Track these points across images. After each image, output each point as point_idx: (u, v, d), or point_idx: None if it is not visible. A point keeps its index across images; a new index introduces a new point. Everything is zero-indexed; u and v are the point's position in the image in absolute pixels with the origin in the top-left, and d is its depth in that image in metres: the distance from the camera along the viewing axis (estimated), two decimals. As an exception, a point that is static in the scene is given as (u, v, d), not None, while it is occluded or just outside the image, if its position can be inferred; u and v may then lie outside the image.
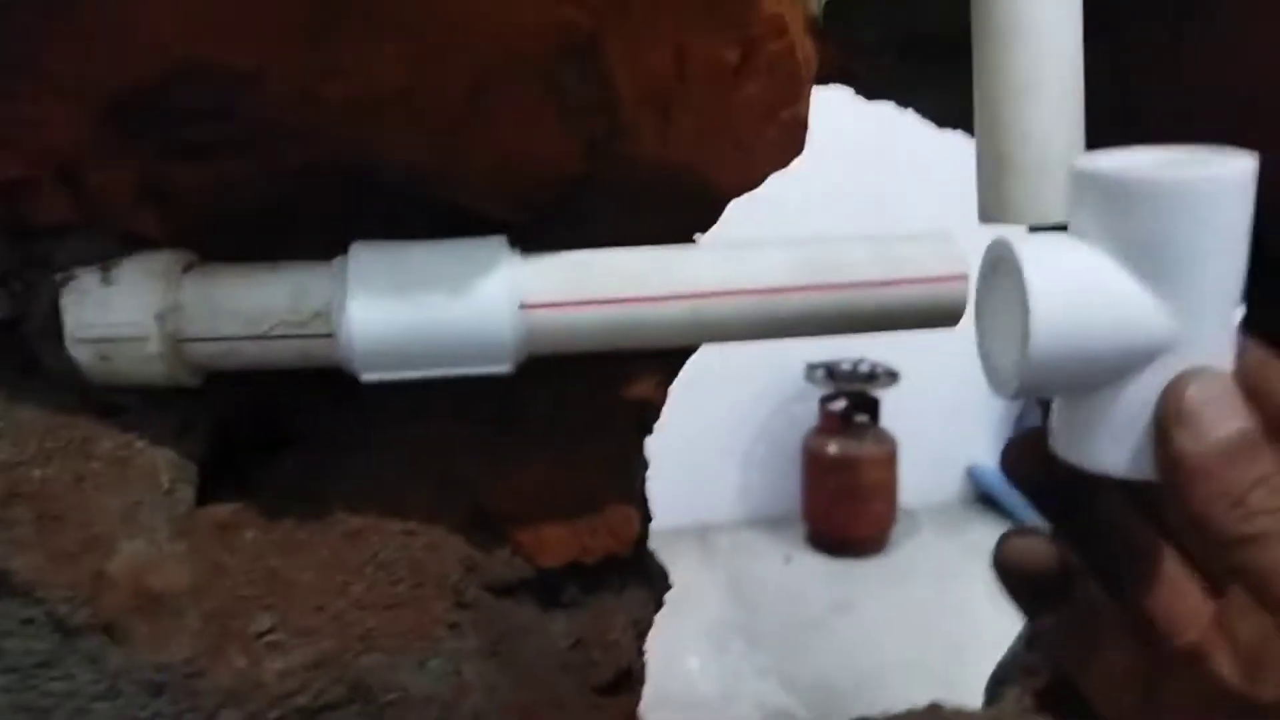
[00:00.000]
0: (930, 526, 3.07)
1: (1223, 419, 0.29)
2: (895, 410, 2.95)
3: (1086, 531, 0.37)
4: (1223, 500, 0.28)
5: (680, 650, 2.41)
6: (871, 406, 2.98)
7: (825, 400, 2.99)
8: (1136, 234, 0.30)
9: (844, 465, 2.90)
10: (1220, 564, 0.30)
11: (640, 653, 0.49)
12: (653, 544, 0.53)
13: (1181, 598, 0.35)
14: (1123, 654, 0.36)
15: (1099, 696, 0.37)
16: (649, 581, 0.51)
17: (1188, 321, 0.30)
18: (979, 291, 0.35)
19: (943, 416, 2.99)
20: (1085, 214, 0.32)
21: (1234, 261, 0.30)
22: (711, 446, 3.03)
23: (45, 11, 0.32)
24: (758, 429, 3.12)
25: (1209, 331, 0.30)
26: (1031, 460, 0.36)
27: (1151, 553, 0.36)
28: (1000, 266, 0.33)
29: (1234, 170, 0.29)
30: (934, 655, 2.36)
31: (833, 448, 2.92)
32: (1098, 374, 0.31)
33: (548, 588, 0.46)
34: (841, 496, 2.91)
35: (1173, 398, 0.30)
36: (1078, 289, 0.30)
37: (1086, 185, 0.32)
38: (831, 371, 2.98)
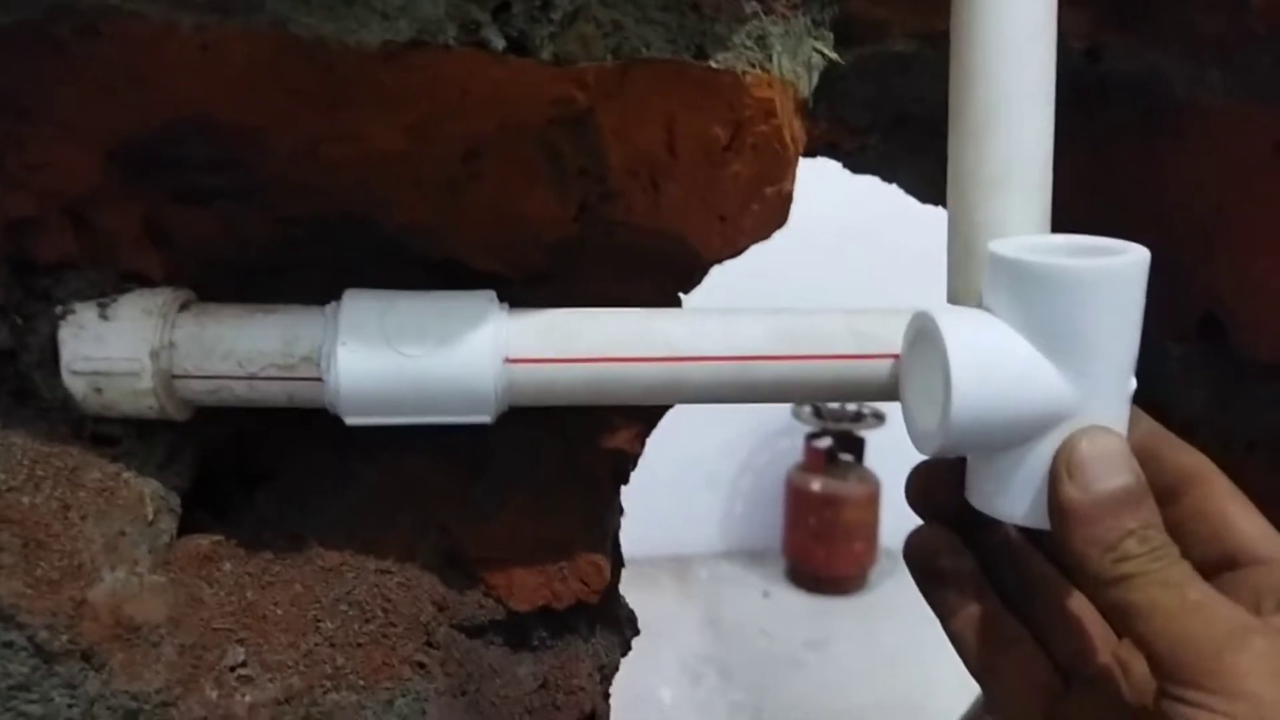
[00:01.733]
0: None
1: (1107, 473, 0.33)
2: (880, 451, 2.96)
3: (995, 558, 0.40)
4: (1098, 545, 0.32)
5: (654, 681, 2.42)
6: (856, 446, 2.99)
7: (811, 437, 3.01)
8: (1043, 313, 0.34)
9: (826, 503, 2.92)
10: (1097, 603, 0.34)
11: (605, 696, 0.50)
12: (631, 573, 0.54)
13: (1085, 627, 0.39)
14: (1029, 667, 0.39)
15: (1003, 705, 0.38)
16: (618, 627, 0.52)
17: (1087, 392, 0.34)
18: (904, 357, 0.39)
19: (927, 459, 3.03)
20: (998, 293, 0.35)
21: (1128, 340, 0.34)
22: (695, 478, 3.04)
23: (61, 61, 0.34)
24: (742, 462, 3.14)
25: (1105, 400, 0.34)
26: (931, 491, 0.41)
27: (1055, 585, 0.40)
28: (923, 337, 0.36)
29: (1131, 261, 0.34)
30: (908, 697, 2.37)
31: (816, 485, 2.93)
32: (1008, 437, 0.35)
33: (517, 630, 0.47)
34: (823, 534, 2.92)
35: (1065, 452, 0.34)
36: (991, 363, 0.34)
37: (1000, 268, 0.35)
38: (818, 409, 2.99)
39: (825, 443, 2.98)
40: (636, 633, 0.53)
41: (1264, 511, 0.37)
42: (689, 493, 3.04)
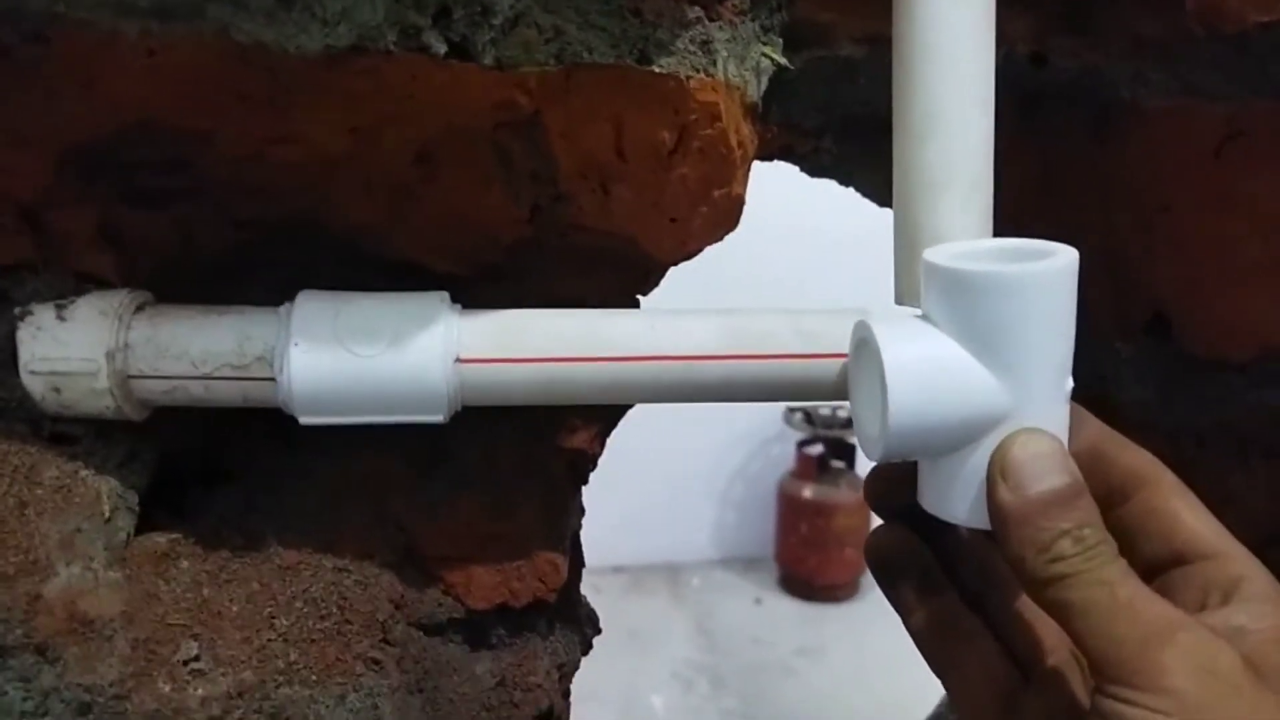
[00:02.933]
0: (902, 575, 3.08)
1: (1041, 475, 0.33)
2: (871, 458, 2.97)
3: (954, 557, 0.41)
4: (1033, 546, 0.33)
5: (645, 687, 2.42)
6: (848, 453, 3.00)
7: (802, 444, 3.01)
8: (975, 319, 0.34)
9: (818, 510, 2.92)
10: (1037, 601, 0.34)
11: (565, 694, 0.51)
12: (622, 579, 0.55)
13: (1040, 624, 0.40)
14: (988, 663, 0.39)
15: (962, 700, 0.39)
16: (577, 625, 0.52)
17: (1022, 394, 0.34)
18: (850, 366, 0.40)
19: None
20: (933, 301, 0.36)
21: (1061, 342, 0.35)
22: (686, 485, 3.05)
23: (9, 68, 0.34)
24: (734, 470, 3.14)
25: (1041, 402, 0.35)
26: (889, 492, 0.42)
27: (1010, 583, 0.40)
28: (863, 346, 0.37)
29: (1058, 264, 0.34)
30: (900, 704, 2.36)
31: (808, 492, 2.94)
32: (947, 442, 0.35)
33: (475, 628, 0.48)
34: (815, 541, 2.93)
35: (999, 455, 0.34)
36: (926, 370, 0.35)
37: (932, 275, 0.36)
38: (810, 416, 3.00)
39: (817, 449, 2.99)
40: (597, 631, 0.54)
41: (1213, 505, 0.38)
42: (681, 500, 3.05)
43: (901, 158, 0.41)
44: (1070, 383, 0.36)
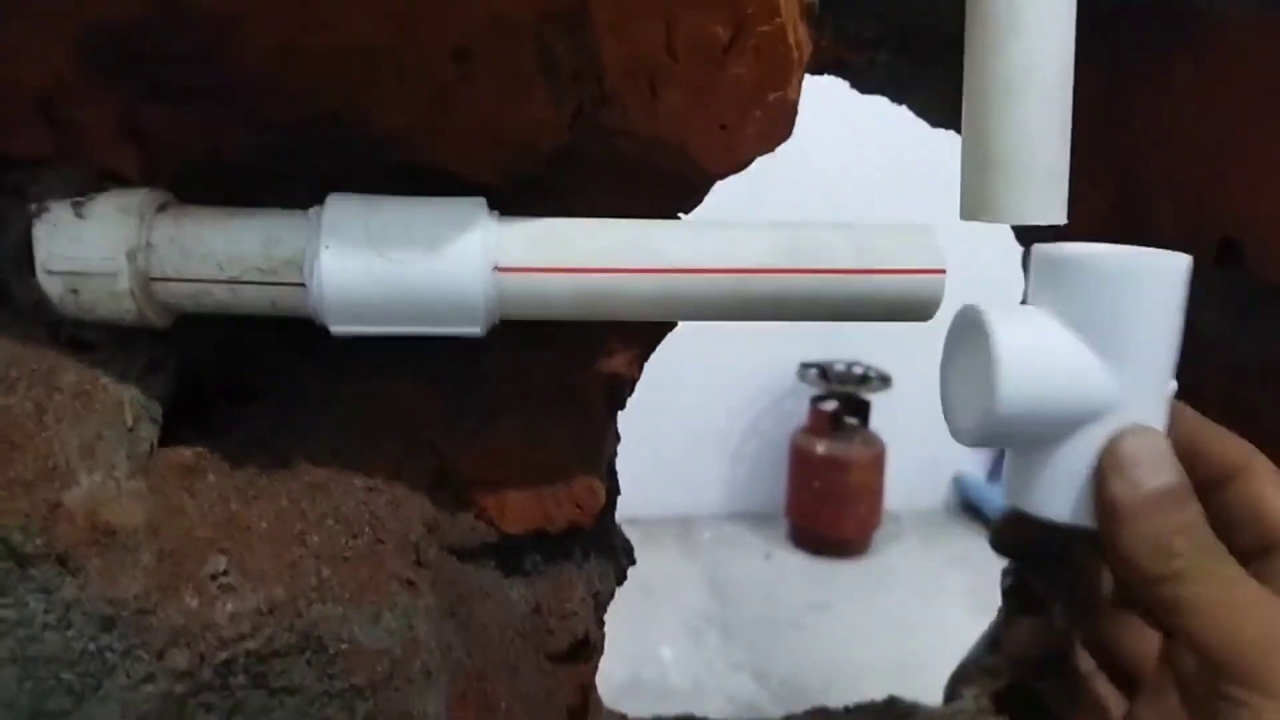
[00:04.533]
0: (914, 532, 3.08)
1: (1154, 472, 0.33)
2: (885, 414, 2.96)
3: (1054, 572, 0.40)
4: (1147, 541, 0.32)
5: (655, 639, 2.42)
6: (862, 409, 2.98)
7: (816, 400, 2.99)
8: (1094, 307, 0.34)
9: (831, 466, 2.91)
10: (1145, 600, 0.34)
11: (600, 624, 0.49)
12: (634, 532, 0.54)
13: (1139, 638, 0.39)
14: (1088, 675, 0.38)
15: (1064, 711, 0.38)
16: (613, 555, 0.51)
17: (1129, 386, 0.34)
18: (946, 347, 0.39)
19: (932, 423, 2.98)
20: (1046, 290, 0.36)
21: (1171, 339, 0.35)
22: (699, 439, 3.04)
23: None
24: (747, 424, 3.13)
25: (1147, 396, 0.35)
26: (1013, 534, 0.42)
27: (1106, 600, 0.40)
28: (970, 330, 0.36)
29: (1176, 263, 0.34)
30: (907, 660, 2.37)
31: (821, 447, 2.93)
32: (1050, 430, 0.35)
33: (510, 553, 0.46)
34: (826, 496, 2.92)
35: (1113, 450, 0.34)
36: (1039, 355, 0.34)
37: (1050, 265, 0.36)
38: (824, 372, 2.98)
39: (831, 405, 2.97)
40: (632, 562, 0.52)
41: (1272, 444, 0.36)
42: (693, 454, 3.04)
43: (976, 59, 0.39)
44: (1174, 384, 0.36)
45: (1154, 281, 0.34)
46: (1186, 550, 0.32)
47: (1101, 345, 0.34)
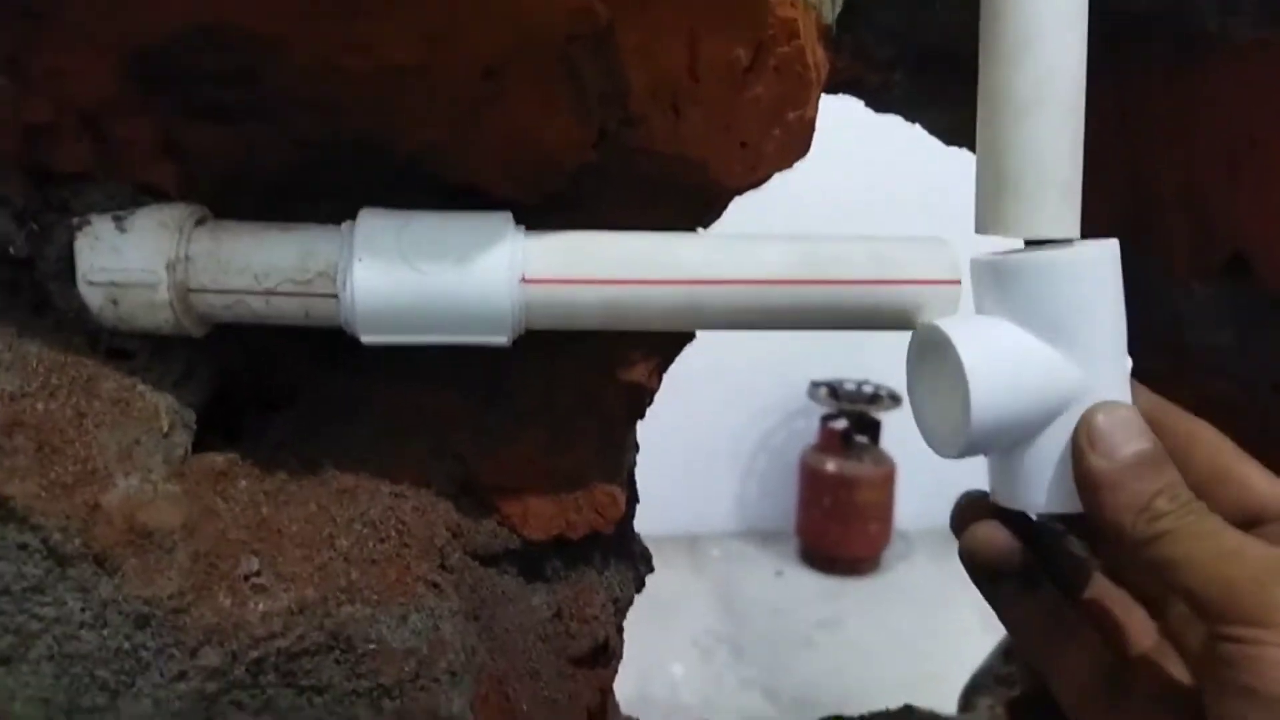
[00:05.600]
0: (924, 550, 3.08)
1: (1127, 440, 0.34)
2: (896, 433, 2.96)
3: (1045, 556, 0.41)
4: (1131, 508, 0.33)
5: (666, 656, 2.42)
6: (872, 427, 2.98)
7: (826, 418, 3.00)
8: (1044, 303, 0.36)
9: (841, 484, 2.91)
10: (1136, 565, 0.34)
11: (619, 629, 0.50)
12: None
13: (1132, 617, 0.40)
14: (1087, 648, 0.39)
15: (1065, 692, 0.39)
16: (632, 561, 0.52)
17: (1091, 371, 0.36)
18: (911, 368, 0.40)
19: (942, 442, 3.01)
20: (992, 297, 0.37)
21: (1117, 318, 0.36)
22: (709, 456, 3.04)
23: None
24: (757, 442, 3.13)
25: (1108, 376, 0.36)
26: (974, 517, 0.41)
27: (1097, 584, 0.42)
28: (931, 347, 0.38)
29: (1108, 247, 0.36)
30: (918, 678, 2.36)
31: (831, 465, 2.93)
32: (1026, 428, 0.36)
33: (531, 559, 0.47)
34: (836, 514, 2.92)
35: (1084, 426, 0.35)
36: (1003, 361, 0.36)
37: (991, 272, 0.38)
38: (835, 390, 2.99)
39: (841, 424, 2.97)
40: (650, 569, 0.53)
41: None
42: (703, 471, 3.05)
43: (990, 76, 0.39)
44: (1129, 361, 0.38)
45: (1091, 268, 0.36)
46: (1169, 510, 0.33)
47: (1056, 338, 0.36)
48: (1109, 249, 0.36)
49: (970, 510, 0.41)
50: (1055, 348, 0.35)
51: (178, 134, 0.39)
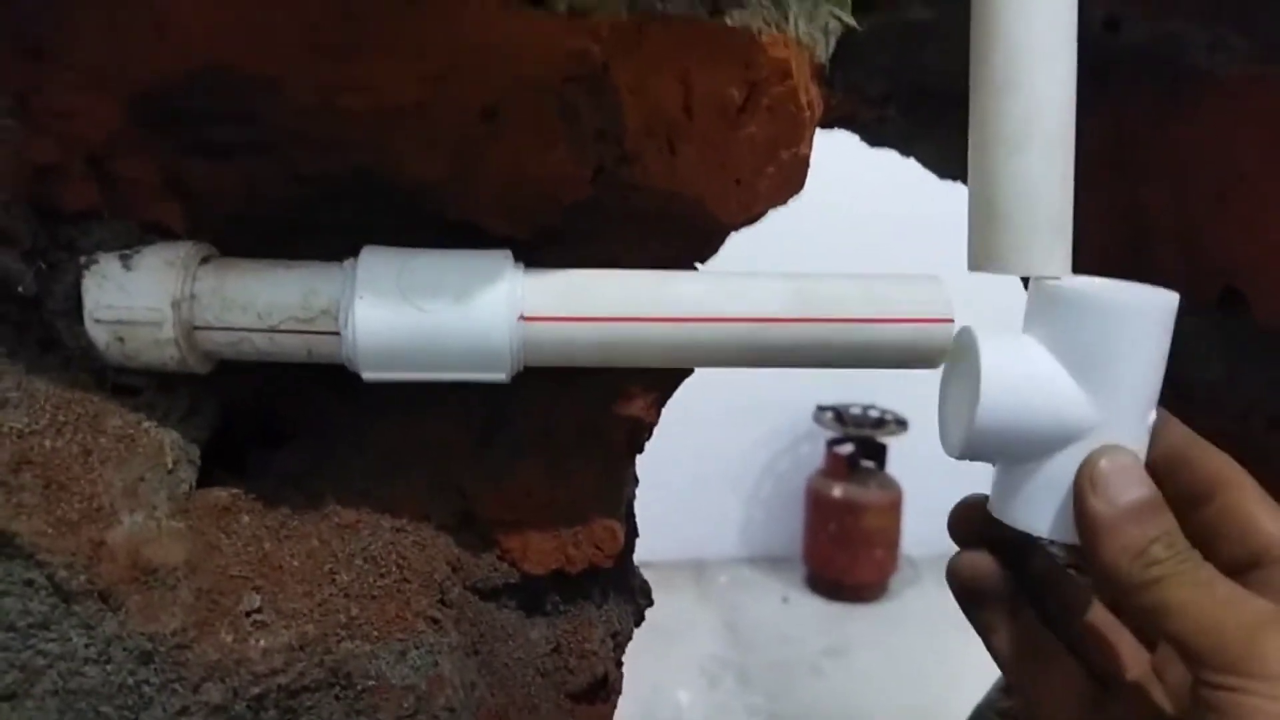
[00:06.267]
0: (931, 577, 3.06)
1: (1128, 486, 0.35)
2: (902, 458, 2.95)
3: (1032, 583, 0.41)
4: (1127, 553, 0.34)
5: (671, 682, 2.41)
6: (878, 452, 2.98)
7: (832, 443, 2.99)
8: (1074, 339, 0.37)
9: (847, 509, 2.90)
10: (1129, 609, 0.35)
11: (618, 664, 0.50)
12: (649, 575, 0.55)
13: (1121, 640, 0.41)
14: (1069, 676, 0.40)
15: (1046, 714, 0.39)
16: (631, 596, 0.52)
17: (1107, 413, 0.36)
18: (946, 369, 0.41)
19: (949, 467, 2.97)
20: (1037, 319, 0.38)
21: (1152, 370, 0.37)
22: (715, 481, 3.04)
23: (80, 5, 0.34)
24: (763, 467, 3.13)
25: (1125, 423, 0.37)
26: (969, 524, 0.43)
27: (1089, 604, 0.42)
28: (963, 351, 0.39)
29: (1162, 301, 0.36)
30: (924, 706, 2.35)
31: (837, 491, 2.92)
32: (1030, 446, 0.37)
33: (531, 593, 0.47)
34: (843, 540, 2.91)
35: (1087, 469, 0.36)
36: (1018, 377, 0.37)
37: (1043, 295, 0.38)
38: (840, 415, 2.98)
39: (847, 449, 2.97)
40: (650, 603, 0.53)
41: None
42: (709, 497, 3.04)
43: (979, 113, 0.40)
44: (1154, 415, 0.37)
45: (1134, 316, 0.36)
46: (1165, 556, 0.34)
47: (1080, 373, 0.36)
48: (1161, 304, 0.36)
49: (967, 517, 0.43)
50: (1077, 381, 0.36)
51: (182, 172, 0.40)
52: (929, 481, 3.04)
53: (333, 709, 0.38)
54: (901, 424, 2.94)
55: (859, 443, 2.97)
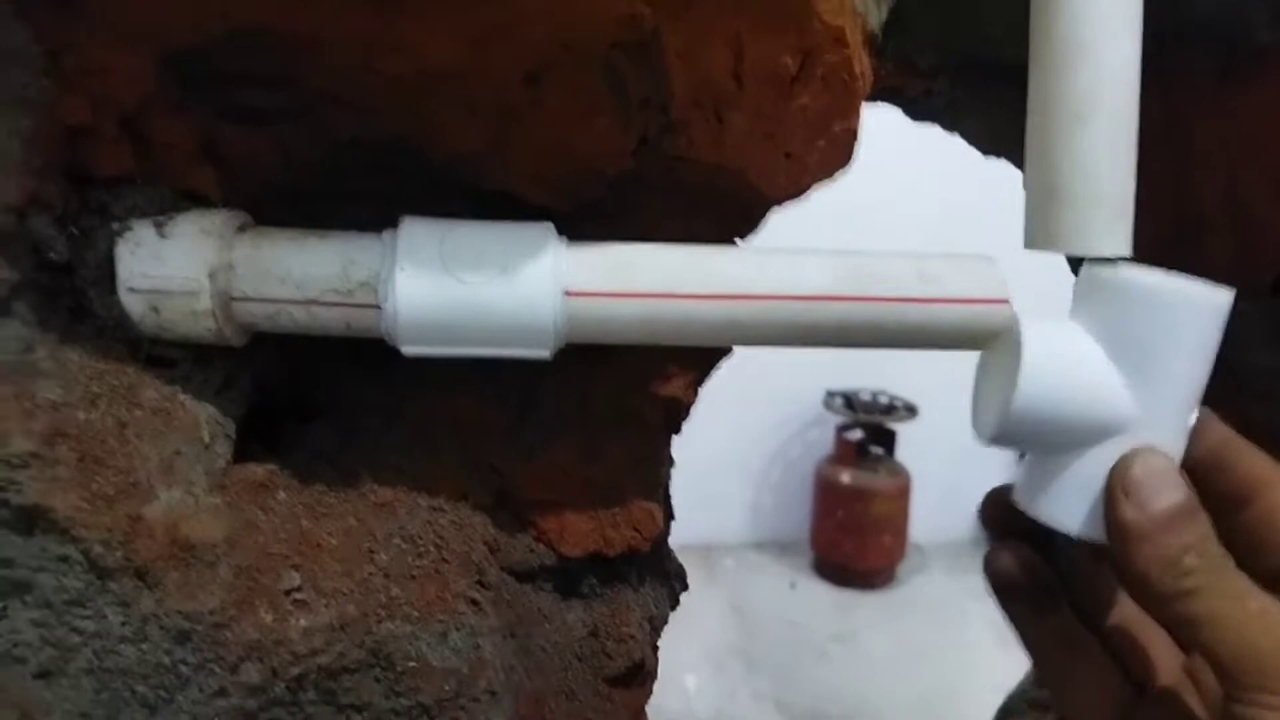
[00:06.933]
0: (939, 563, 3.06)
1: (1162, 492, 0.34)
2: (911, 445, 2.94)
3: (1068, 577, 0.40)
4: (1159, 561, 0.33)
5: (679, 668, 2.41)
6: (888, 439, 2.97)
7: (842, 429, 2.98)
8: (1121, 329, 0.35)
9: (856, 495, 2.90)
10: (1160, 617, 0.35)
11: (654, 648, 0.49)
12: None
13: (1156, 641, 0.40)
14: (1102, 677, 0.40)
15: (1077, 713, 0.39)
16: (667, 579, 0.51)
17: (1149, 408, 0.35)
18: (985, 352, 0.40)
19: (958, 454, 2.98)
20: (1085, 306, 0.37)
21: (1198, 368, 0.35)
22: (723, 466, 3.03)
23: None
24: (772, 453, 3.12)
25: (1166, 421, 0.35)
26: (1002, 511, 0.41)
27: (1125, 602, 0.41)
28: (1005, 334, 0.38)
29: (1217, 298, 0.35)
30: (932, 692, 2.35)
31: (846, 477, 2.91)
32: (1065, 437, 0.36)
33: (568, 576, 0.46)
34: (851, 526, 2.90)
35: (1120, 472, 0.35)
36: (1061, 363, 0.35)
37: (1093, 282, 0.37)
38: (850, 401, 2.97)
39: (856, 435, 2.96)
40: (685, 587, 0.53)
41: None
42: (718, 482, 3.03)
43: (1040, 85, 0.39)
44: (1195, 416, 0.36)
45: (1188, 311, 0.35)
46: (1198, 567, 0.33)
47: (1126, 364, 0.35)
48: (1217, 301, 0.35)
49: (999, 504, 0.41)
50: (1121, 372, 0.35)
51: (217, 137, 0.39)
52: (938, 468, 3.04)
53: (373, 691, 0.37)
54: (911, 410, 2.93)
55: (868, 429, 2.96)
